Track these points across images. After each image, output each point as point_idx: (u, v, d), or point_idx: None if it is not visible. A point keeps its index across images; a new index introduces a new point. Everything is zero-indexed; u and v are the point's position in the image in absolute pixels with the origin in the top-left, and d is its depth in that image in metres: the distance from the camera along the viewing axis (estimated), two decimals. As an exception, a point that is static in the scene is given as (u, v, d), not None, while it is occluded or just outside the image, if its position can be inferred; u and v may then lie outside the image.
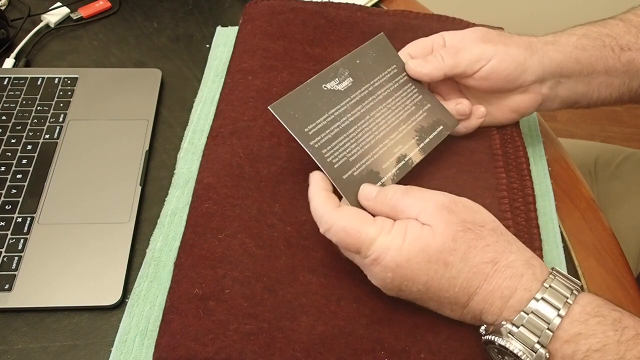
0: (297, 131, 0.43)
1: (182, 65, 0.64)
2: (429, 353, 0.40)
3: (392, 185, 0.42)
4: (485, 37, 0.49)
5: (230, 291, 0.42)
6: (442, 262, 0.37)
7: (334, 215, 0.39)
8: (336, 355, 0.39)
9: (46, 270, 0.46)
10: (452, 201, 0.40)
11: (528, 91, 0.50)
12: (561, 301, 0.36)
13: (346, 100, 0.46)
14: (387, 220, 0.40)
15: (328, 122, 0.44)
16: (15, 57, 0.64)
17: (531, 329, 0.36)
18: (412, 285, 0.38)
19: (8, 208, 0.50)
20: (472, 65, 0.48)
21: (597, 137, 1.65)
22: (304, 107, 0.44)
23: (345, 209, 0.40)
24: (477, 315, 0.39)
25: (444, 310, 0.40)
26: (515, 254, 0.38)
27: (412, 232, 0.38)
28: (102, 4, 0.71)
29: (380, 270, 0.38)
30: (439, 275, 0.38)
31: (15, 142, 0.55)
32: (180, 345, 0.39)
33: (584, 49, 0.50)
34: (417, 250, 0.37)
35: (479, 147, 0.52)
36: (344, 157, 0.44)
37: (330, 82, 0.46)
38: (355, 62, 0.48)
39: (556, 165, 0.57)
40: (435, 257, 0.37)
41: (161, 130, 0.58)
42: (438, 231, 0.38)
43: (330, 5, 0.64)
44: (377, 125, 0.47)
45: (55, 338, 0.44)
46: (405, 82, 0.50)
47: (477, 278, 0.38)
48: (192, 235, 0.45)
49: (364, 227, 0.39)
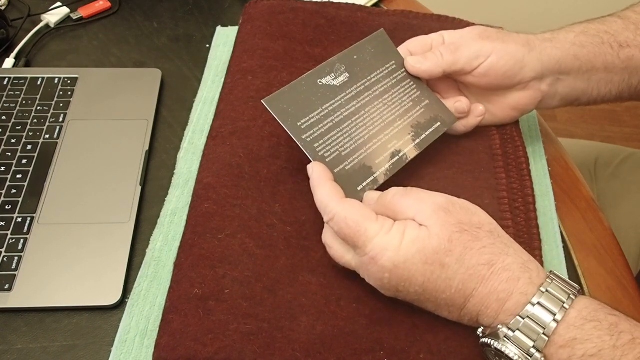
0: (290, 125, 0.43)
1: (182, 65, 0.64)
2: (429, 353, 0.40)
3: (394, 187, 0.42)
4: (484, 34, 0.49)
5: (230, 291, 0.42)
6: (438, 263, 0.37)
7: (338, 205, 0.40)
8: (336, 355, 0.39)
9: (46, 270, 0.46)
10: (450, 202, 0.40)
11: (527, 88, 0.50)
12: (557, 305, 0.36)
13: (341, 96, 0.47)
14: (388, 220, 0.40)
15: (321, 116, 0.45)
16: (15, 57, 0.64)
17: (527, 334, 0.36)
18: (409, 286, 0.38)
19: (8, 208, 0.50)
20: (471, 62, 0.48)
21: (597, 137, 1.65)
22: (298, 102, 0.45)
23: (351, 201, 0.40)
24: (474, 318, 0.39)
25: (441, 312, 0.40)
26: (512, 256, 0.38)
27: (410, 233, 0.38)
28: (102, 4, 0.71)
29: (378, 271, 0.39)
30: (436, 276, 0.38)
31: (15, 142, 0.55)
32: (180, 345, 0.39)
33: (582, 45, 0.50)
34: (414, 251, 0.38)
35: (479, 146, 0.52)
36: (337, 151, 0.44)
37: (326, 78, 0.47)
38: (353, 57, 0.49)
39: (556, 165, 0.57)
40: (431, 258, 0.38)
41: (161, 130, 0.58)
42: (434, 232, 0.38)
43: (330, 6, 0.64)
44: (372, 121, 0.47)
45: (55, 338, 0.44)
46: (403, 78, 0.50)
47: (473, 280, 0.38)
48: (192, 235, 0.45)
49: (365, 222, 0.39)
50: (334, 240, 0.42)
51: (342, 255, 0.41)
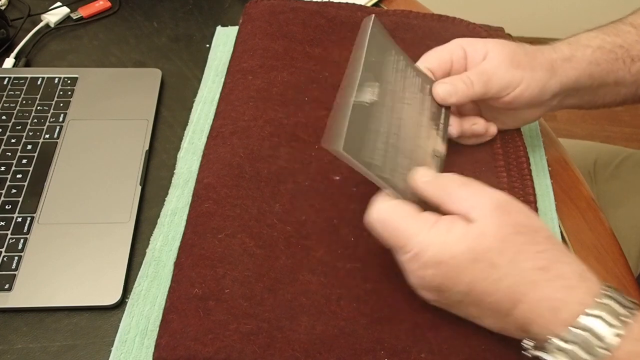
0: (369, 168, 0.38)
1: (182, 65, 0.64)
2: (430, 353, 0.40)
3: (453, 173, 0.40)
4: (514, 60, 0.47)
5: (230, 291, 0.42)
6: (488, 262, 0.36)
7: (376, 207, 0.38)
8: (336, 355, 0.39)
9: (46, 270, 0.46)
10: (509, 202, 0.38)
11: (541, 106, 0.50)
12: (617, 318, 0.34)
13: (384, 109, 0.42)
14: (430, 217, 0.38)
15: (382, 142, 0.41)
16: (15, 57, 0.64)
17: (585, 347, 0.33)
18: (453, 286, 0.37)
19: (8, 208, 0.50)
20: (500, 92, 0.47)
21: (597, 137, 1.65)
22: (361, 135, 0.39)
23: (389, 202, 0.38)
24: (521, 326, 0.37)
25: (485, 319, 0.38)
26: (569, 265, 0.36)
27: (457, 229, 0.36)
28: (102, 3, 0.71)
29: (419, 268, 0.37)
30: (484, 275, 0.36)
31: (15, 142, 0.55)
32: (180, 345, 0.39)
33: (597, 63, 0.49)
34: (463, 248, 0.36)
35: (480, 146, 0.52)
36: (400, 174, 0.41)
37: (367, 95, 0.41)
38: (371, 60, 0.43)
39: (556, 165, 0.57)
40: (482, 256, 0.36)
41: (161, 130, 0.58)
42: (488, 230, 0.36)
43: (331, 5, 0.64)
44: (410, 128, 0.44)
45: (55, 338, 0.44)
46: (404, 66, 0.46)
47: (524, 284, 0.35)
48: (192, 235, 0.45)
49: (406, 221, 0.37)
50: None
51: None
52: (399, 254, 0.38)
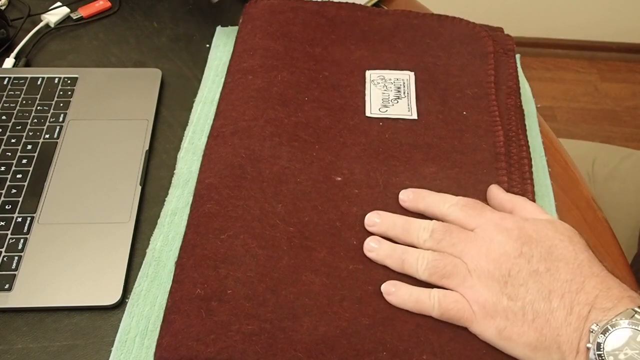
0: None
1: (182, 65, 0.64)
2: (432, 354, 0.40)
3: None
4: None
5: (233, 291, 0.42)
6: (568, 238, 0.40)
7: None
8: (338, 356, 0.39)
9: (46, 270, 0.46)
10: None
11: None
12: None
13: None
14: None
15: None
16: (15, 57, 0.64)
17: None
18: (535, 247, 0.40)
19: (8, 208, 0.50)
20: None
21: (597, 137, 1.65)
22: None
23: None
24: (591, 302, 0.37)
25: (554, 294, 0.38)
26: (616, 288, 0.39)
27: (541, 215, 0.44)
28: (102, 3, 0.70)
29: (506, 226, 0.42)
30: (564, 245, 0.40)
31: (15, 142, 0.55)
32: (182, 345, 0.39)
33: None
34: (545, 221, 0.42)
35: (482, 144, 0.52)
36: None
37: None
38: None
39: (556, 165, 0.57)
40: (562, 232, 0.41)
41: (161, 130, 0.58)
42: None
43: (331, 5, 0.64)
44: None
45: (55, 338, 0.44)
46: None
47: (596, 265, 0.39)
48: (194, 235, 0.45)
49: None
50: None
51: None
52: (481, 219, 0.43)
